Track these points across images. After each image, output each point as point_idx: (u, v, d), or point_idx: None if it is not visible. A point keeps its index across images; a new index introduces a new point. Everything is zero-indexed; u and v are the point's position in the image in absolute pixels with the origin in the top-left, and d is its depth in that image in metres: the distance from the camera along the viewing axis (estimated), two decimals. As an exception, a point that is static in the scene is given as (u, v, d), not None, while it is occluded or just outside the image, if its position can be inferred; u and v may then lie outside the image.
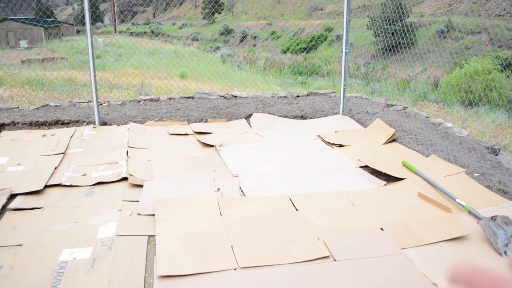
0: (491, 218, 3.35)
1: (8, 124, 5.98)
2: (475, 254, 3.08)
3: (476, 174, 4.55)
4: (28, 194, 3.90)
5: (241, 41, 53.20)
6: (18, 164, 4.64)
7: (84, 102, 7.33)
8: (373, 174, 4.59)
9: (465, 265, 0.43)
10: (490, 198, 3.99)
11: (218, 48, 33.95)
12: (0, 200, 3.73)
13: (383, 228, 3.39)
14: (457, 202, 3.82)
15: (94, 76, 6.00)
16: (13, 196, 3.86)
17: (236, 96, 8.05)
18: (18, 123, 6.04)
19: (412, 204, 3.83)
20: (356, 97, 8.24)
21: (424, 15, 38.92)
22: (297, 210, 3.68)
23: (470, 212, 3.66)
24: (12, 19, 38.17)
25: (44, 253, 3.00)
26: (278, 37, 49.62)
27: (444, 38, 30.88)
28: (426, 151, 5.23)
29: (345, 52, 6.54)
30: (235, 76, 13.25)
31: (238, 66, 20.64)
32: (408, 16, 33.76)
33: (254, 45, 49.43)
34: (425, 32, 33.26)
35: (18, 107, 6.91)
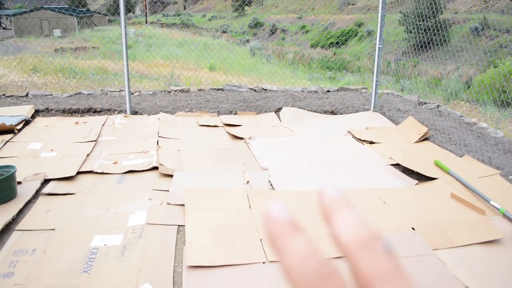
0: (528, 223, 3.25)
1: (42, 111, 6.10)
2: (510, 258, 3.00)
3: (511, 177, 4.43)
4: (61, 180, 3.97)
5: (271, 34, 52.96)
6: (52, 150, 4.73)
7: (115, 91, 7.42)
8: (404, 173, 4.51)
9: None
10: (526, 201, 3.88)
11: (247, 41, 33.86)
12: (34, 185, 3.81)
13: (414, 228, 3.33)
14: (491, 205, 3.72)
15: (127, 65, 6.06)
16: (46, 181, 3.94)
17: (265, 89, 8.02)
18: (51, 109, 6.15)
19: (444, 205, 3.75)
20: (387, 93, 8.11)
21: (459, 12, 38.02)
22: (326, 206, 3.64)
23: (505, 216, 3.56)
24: (47, 8, 38.89)
25: (76, 238, 3.05)
26: (307, 31, 49.21)
27: (479, 36, 30.11)
28: (460, 151, 5.11)
29: (379, 47, 6.43)
30: (265, 69, 13.21)
31: (267, 59, 20.56)
32: (442, 13, 33.02)
33: (283, 38, 49.15)
34: (458, 30, 32.48)
35: (51, 94, 7.05)
